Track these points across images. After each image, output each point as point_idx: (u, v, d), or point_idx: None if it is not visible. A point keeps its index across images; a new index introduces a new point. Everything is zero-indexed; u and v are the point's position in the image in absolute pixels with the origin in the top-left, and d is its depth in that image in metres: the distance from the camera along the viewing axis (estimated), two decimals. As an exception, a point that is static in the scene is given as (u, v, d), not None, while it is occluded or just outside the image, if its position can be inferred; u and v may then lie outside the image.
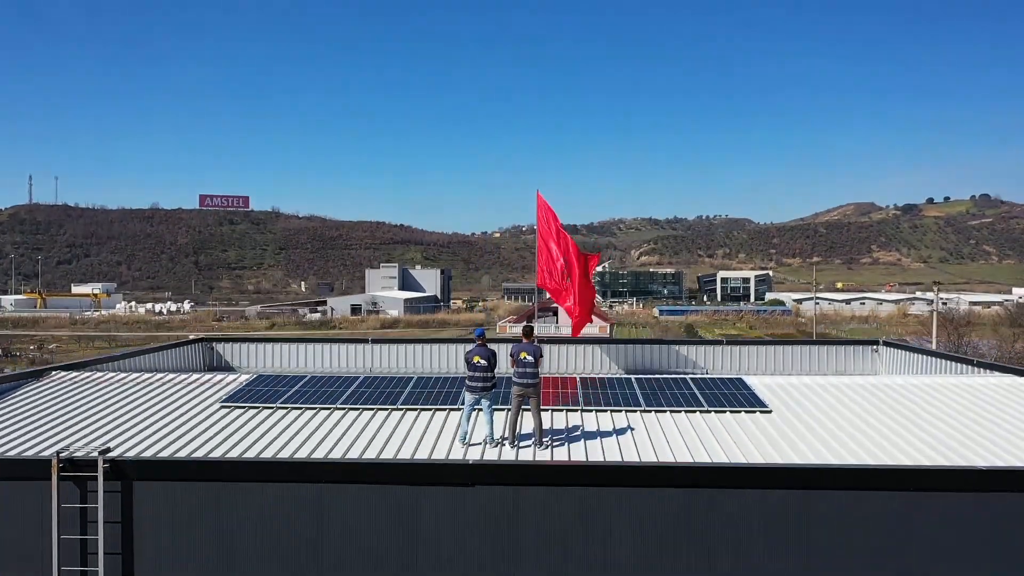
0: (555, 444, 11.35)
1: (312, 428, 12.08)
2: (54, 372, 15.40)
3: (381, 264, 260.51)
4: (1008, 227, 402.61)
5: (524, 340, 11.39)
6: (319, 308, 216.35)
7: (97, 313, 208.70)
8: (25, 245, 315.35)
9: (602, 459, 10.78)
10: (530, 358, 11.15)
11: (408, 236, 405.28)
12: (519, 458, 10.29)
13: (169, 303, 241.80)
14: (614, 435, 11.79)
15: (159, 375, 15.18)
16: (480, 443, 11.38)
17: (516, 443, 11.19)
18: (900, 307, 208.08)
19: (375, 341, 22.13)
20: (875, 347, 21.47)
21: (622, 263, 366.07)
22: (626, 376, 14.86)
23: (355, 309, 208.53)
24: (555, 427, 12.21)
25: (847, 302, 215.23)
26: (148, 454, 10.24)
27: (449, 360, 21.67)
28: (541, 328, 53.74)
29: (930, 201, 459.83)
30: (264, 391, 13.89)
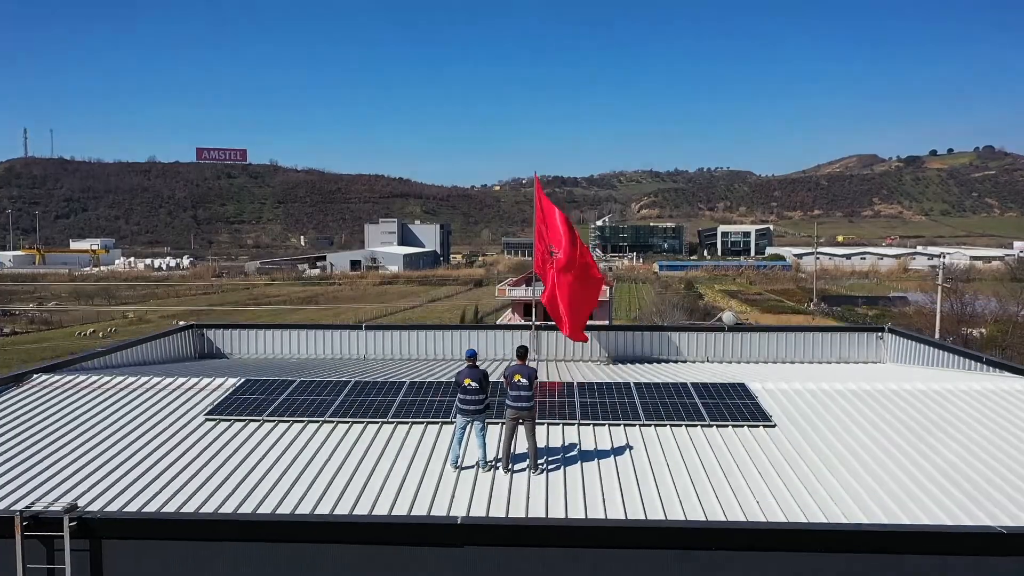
0: (550, 468, 10.92)
1: (298, 448, 11.64)
2: (35, 376, 14.93)
3: (380, 219, 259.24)
4: (1011, 179, 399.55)
5: (518, 362, 10.87)
6: (318, 263, 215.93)
7: (96, 269, 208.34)
8: (22, 199, 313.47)
9: (599, 490, 10.35)
10: (524, 381, 10.65)
11: (407, 189, 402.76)
12: (510, 511, 9.79)
13: (168, 258, 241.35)
14: (612, 456, 11.34)
15: (143, 380, 14.70)
16: (472, 466, 10.96)
17: (510, 468, 10.75)
18: (900, 262, 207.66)
19: (369, 327, 21.65)
20: (880, 334, 20.98)
21: (622, 216, 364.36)
22: (624, 381, 14.38)
23: (355, 264, 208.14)
24: (551, 444, 11.78)
25: (847, 257, 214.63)
26: (126, 496, 9.76)
27: (443, 346, 21.20)
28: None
29: (933, 153, 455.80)
30: (251, 400, 13.43)
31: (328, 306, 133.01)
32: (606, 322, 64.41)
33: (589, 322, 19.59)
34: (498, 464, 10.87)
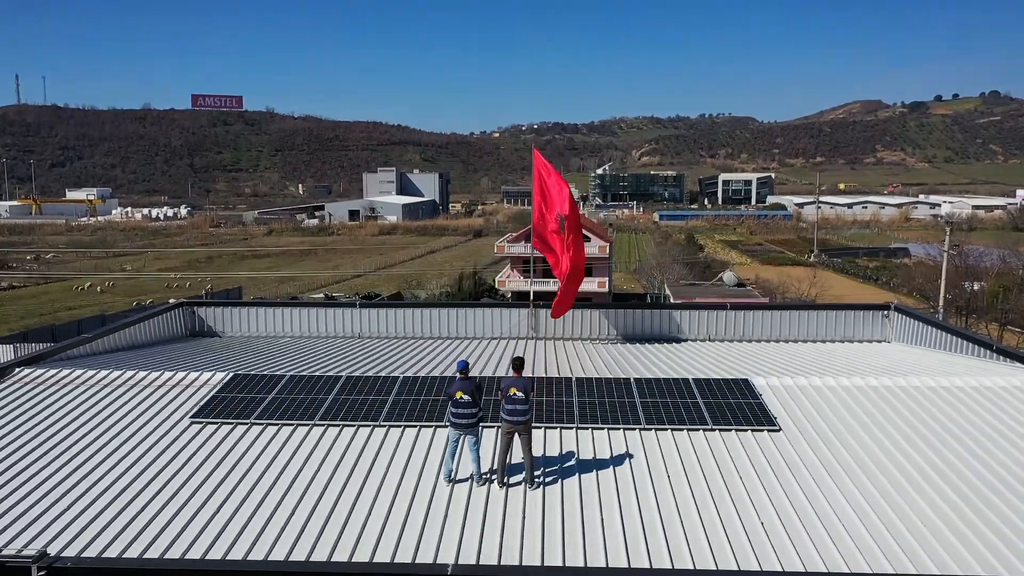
0: (547, 482, 10.54)
1: (285, 458, 11.23)
2: (17, 370, 14.47)
3: (379, 168, 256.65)
4: (1016, 125, 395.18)
5: (514, 374, 10.41)
6: (317, 213, 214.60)
7: (93, 219, 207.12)
8: (16, 148, 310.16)
9: (598, 509, 9.98)
10: (520, 394, 10.20)
11: (406, 137, 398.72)
12: (505, 536, 9.41)
13: (165, 208, 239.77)
14: (611, 467, 10.96)
15: (128, 375, 14.25)
16: (466, 479, 10.59)
17: (505, 481, 10.39)
18: (902, 211, 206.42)
19: (363, 305, 21.18)
20: (886, 312, 20.50)
21: (623, 164, 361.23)
22: (625, 377, 13.94)
23: (353, 215, 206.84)
24: (549, 452, 11.38)
25: (849, 206, 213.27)
26: (104, 535, 9.32)
27: (436, 325, 20.76)
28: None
29: (938, 99, 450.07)
30: (238, 400, 13.00)
31: (327, 259, 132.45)
32: (605, 287, 64.04)
33: (593, 298, 19.29)
34: (493, 477, 10.51)
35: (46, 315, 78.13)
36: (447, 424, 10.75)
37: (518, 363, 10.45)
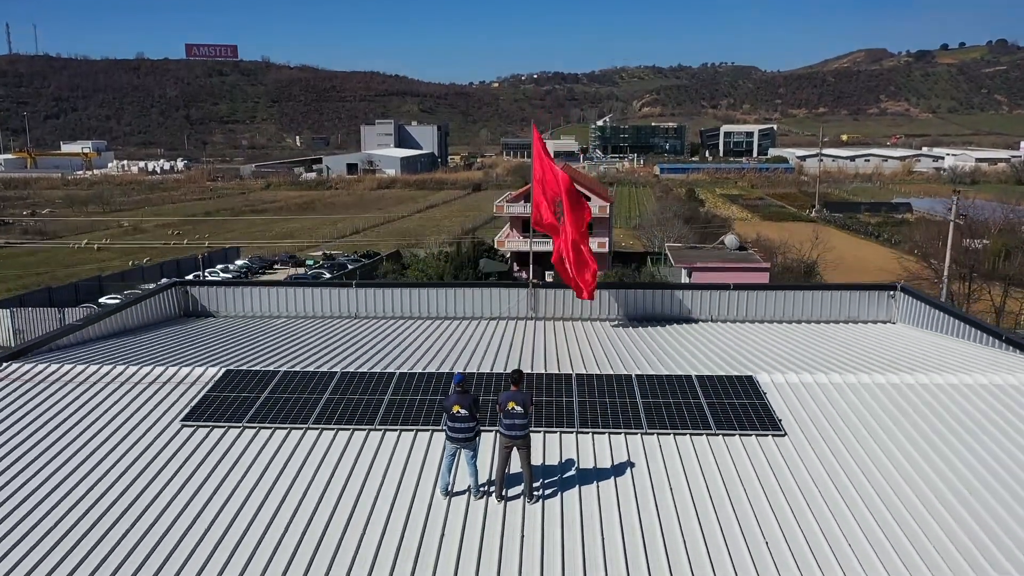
0: (547, 495, 10.28)
1: (278, 467, 10.93)
2: (4, 365, 14.14)
3: (377, 120, 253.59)
4: (1022, 75, 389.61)
5: (512, 388, 10.06)
6: (315, 167, 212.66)
7: (89, 173, 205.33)
8: (9, 99, 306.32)
9: (598, 525, 9.73)
10: (519, 408, 9.88)
11: (404, 87, 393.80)
12: (504, 556, 9.16)
13: (162, 161, 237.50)
14: (612, 477, 10.68)
15: (118, 371, 13.91)
16: (464, 491, 10.33)
17: (504, 495, 10.13)
18: (905, 164, 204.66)
19: (359, 285, 20.76)
20: (891, 292, 20.12)
21: (623, 115, 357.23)
22: (626, 374, 13.60)
23: (351, 168, 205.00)
24: (548, 461, 11.11)
25: (851, 159, 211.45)
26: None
27: (433, 304, 20.39)
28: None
29: (944, 47, 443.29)
30: (230, 400, 12.69)
31: (325, 215, 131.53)
32: (606, 248, 63.47)
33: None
34: (491, 490, 10.25)
35: (43, 275, 77.84)
36: (443, 429, 10.45)
37: (516, 376, 10.10)
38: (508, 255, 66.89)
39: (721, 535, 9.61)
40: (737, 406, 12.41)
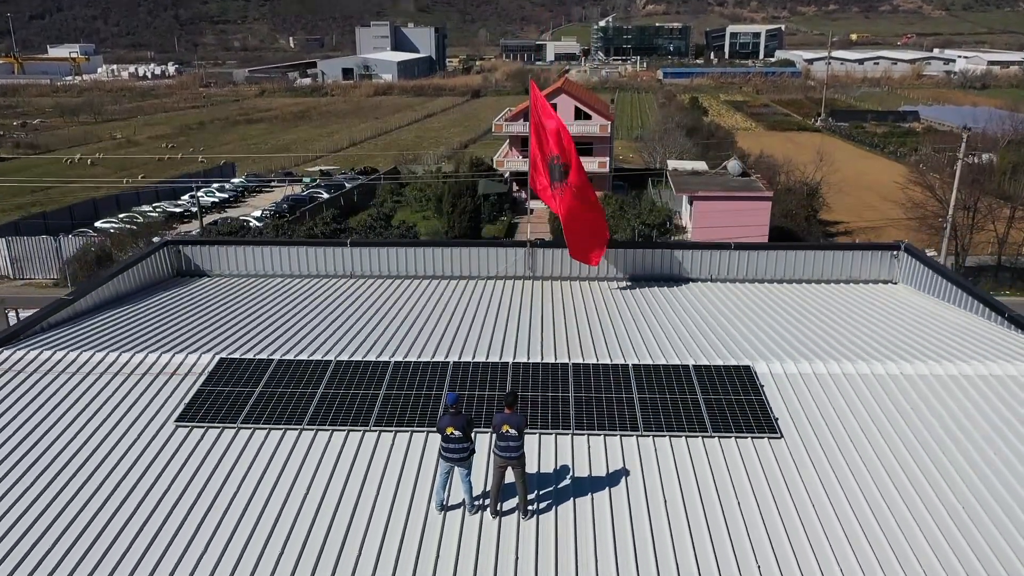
0: (541, 509, 10.32)
1: (274, 475, 10.94)
2: (-4, 353, 14.02)
3: (372, 22, 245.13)
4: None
5: (506, 411, 9.94)
6: (309, 71, 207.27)
7: (78, 79, 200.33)
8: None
9: (591, 539, 9.80)
10: (513, 431, 9.79)
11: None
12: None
13: (152, 65, 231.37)
14: (607, 488, 10.71)
15: (111, 359, 13.79)
16: (459, 505, 10.38)
17: (498, 511, 10.17)
18: (915, 67, 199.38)
19: (354, 244, 20.43)
20: (894, 253, 19.83)
21: (626, 15, 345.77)
22: (623, 363, 13.48)
23: (347, 73, 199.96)
24: (543, 462, 11.12)
25: (860, 62, 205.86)
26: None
27: (430, 263, 20.14)
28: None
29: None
30: (225, 395, 12.62)
31: (321, 125, 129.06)
32: (606, 168, 62.32)
33: (593, 178, 18.67)
34: (486, 505, 10.29)
35: (38, 193, 77.05)
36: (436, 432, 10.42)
37: (511, 399, 9.97)
38: (507, 175, 65.95)
39: (712, 549, 9.71)
40: (734, 403, 12.35)
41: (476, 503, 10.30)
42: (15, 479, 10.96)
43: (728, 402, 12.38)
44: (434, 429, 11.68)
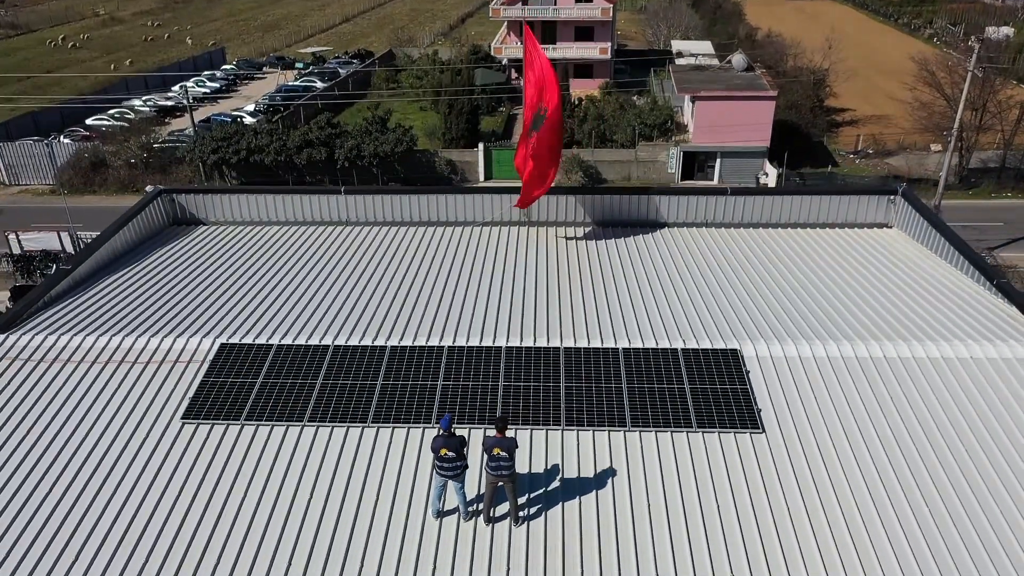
0: (531, 515, 10.94)
1: (280, 470, 11.55)
2: (1, 338, 14.35)
3: None
4: None
5: (497, 435, 10.36)
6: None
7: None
8: None
9: (578, 543, 10.49)
10: (504, 453, 10.28)
11: None
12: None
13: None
14: (594, 489, 11.30)
15: (115, 344, 14.15)
16: (454, 511, 11.01)
17: (491, 518, 10.81)
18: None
19: (347, 192, 20.35)
20: (891, 197, 19.75)
21: None
22: (614, 347, 13.81)
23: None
24: (534, 466, 11.67)
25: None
26: None
27: (424, 210, 20.19)
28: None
29: None
30: (228, 387, 13.06)
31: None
32: (607, 53, 60.20)
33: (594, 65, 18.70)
34: (479, 512, 10.91)
35: (24, 82, 75.17)
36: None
37: (502, 425, 10.37)
38: (505, 62, 64.02)
39: (689, 553, 10.40)
40: (719, 393, 12.77)
41: (470, 509, 10.93)
42: (27, 471, 11.57)
43: (714, 392, 12.80)
44: (429, 424, 12.23)
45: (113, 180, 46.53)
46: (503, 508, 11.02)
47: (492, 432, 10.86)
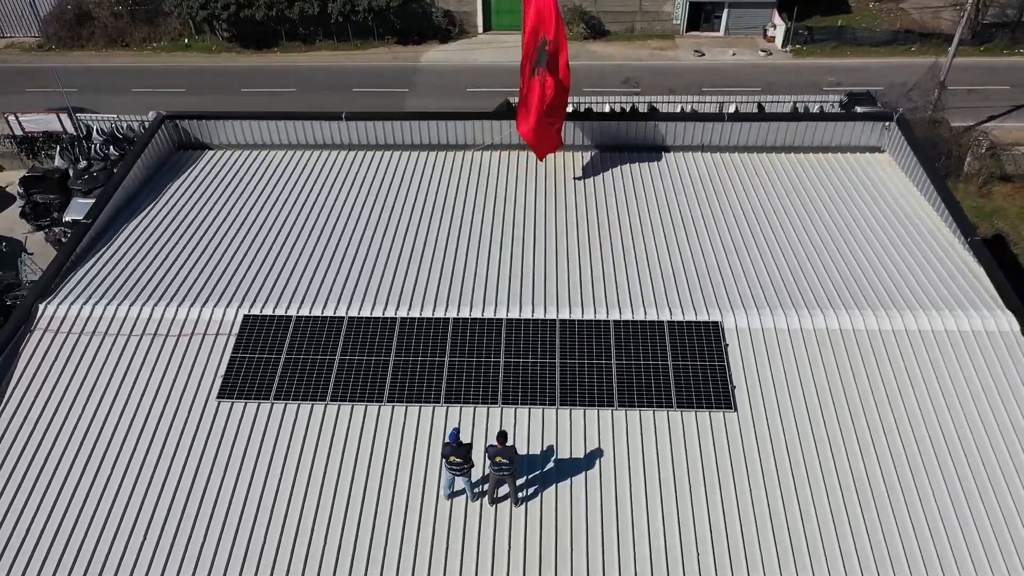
0: (528, 498, 12.70)
1: (311, 447, 13.24)
2: (39, 311, 15.52)
3: None
4: None
5: (499, 445, 11.86)
6: None
7: None
8: None
9: (569, 527, 12.35)
10: (506, 461, 11.85)
11: None
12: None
13: None
14: (583, 471, 12.96)
15: (148, 313, 15.35)
16: (461, 492, 12.77)
17: (495, 499, 12.58)
18: None
19: (348, 117, 20.61)
20: (887, 123, 20.02)
21: None
22: (604, 319, 15.00)
23: None
24: (531, 448, 13.27)
25: None
26: None
27: (425, 133, 20.62)
28: None
29: None
30: (255, 363, 14.45)
31: None
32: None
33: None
34: (485, 494, 12.67)
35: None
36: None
37: (503, 437, 11.83)
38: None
39: (663, 536, 12.21)
40: (698, 369, 14.15)
41: (476, 491, 12.70)
42: (69, 441, 13.30)
43: (693, 369, 14.19)
44: (439, 403, 13.78)
45: (100, 34, 45.15)
46: (504, 489, 12.79)
47: (494, 442, 12.26)
